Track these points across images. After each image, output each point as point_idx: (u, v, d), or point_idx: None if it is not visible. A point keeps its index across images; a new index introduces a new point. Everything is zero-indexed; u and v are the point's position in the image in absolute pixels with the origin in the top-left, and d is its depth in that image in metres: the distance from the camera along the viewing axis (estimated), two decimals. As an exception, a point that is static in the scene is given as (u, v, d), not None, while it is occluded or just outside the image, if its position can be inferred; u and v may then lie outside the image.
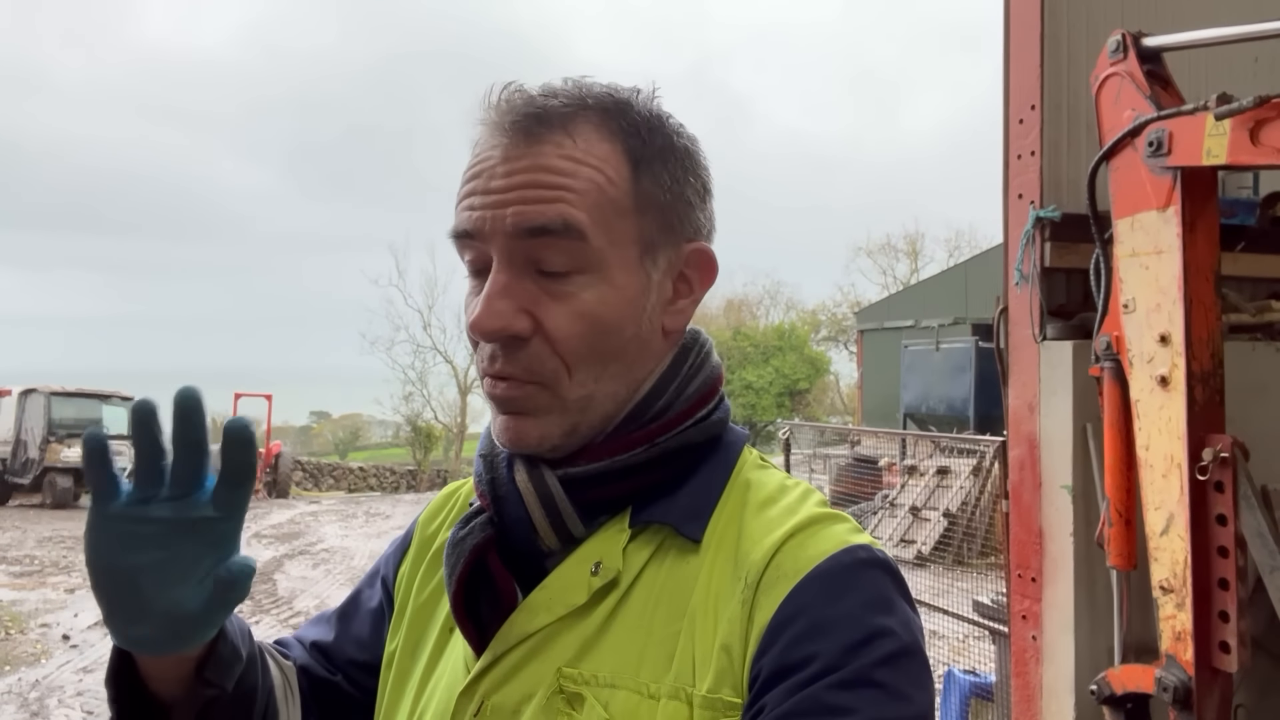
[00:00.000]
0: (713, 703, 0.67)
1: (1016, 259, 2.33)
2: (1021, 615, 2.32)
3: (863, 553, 0.70)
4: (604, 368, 0.75)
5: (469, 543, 0.77)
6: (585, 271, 0.73)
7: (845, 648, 0.64)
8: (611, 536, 0.75)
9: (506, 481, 0.76)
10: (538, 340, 0.73)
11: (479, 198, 0.74)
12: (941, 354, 15.15)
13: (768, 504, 0.76)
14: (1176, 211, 1.86)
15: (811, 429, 15.72)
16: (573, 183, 0.73)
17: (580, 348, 0.74)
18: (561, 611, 0.74)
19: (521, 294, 0.73)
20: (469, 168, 0.76)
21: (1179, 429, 1.86)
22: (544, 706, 0.71)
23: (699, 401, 0.80)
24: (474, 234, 0.74)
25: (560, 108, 0.74)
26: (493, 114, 0.75)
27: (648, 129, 0.76)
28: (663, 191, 0.77)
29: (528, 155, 0.73)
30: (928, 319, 21.79)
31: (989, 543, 8.65)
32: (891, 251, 40.92)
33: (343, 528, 14.74)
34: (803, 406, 34.26)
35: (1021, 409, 2.33)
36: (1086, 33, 2.32)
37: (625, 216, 0.75)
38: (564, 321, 0.73)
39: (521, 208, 0.72)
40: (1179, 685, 1.84)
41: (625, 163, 0.75)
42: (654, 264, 0.77)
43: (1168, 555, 1.88)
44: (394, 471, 30.37)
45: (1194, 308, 1.86)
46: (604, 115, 0.75)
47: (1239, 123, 1.71)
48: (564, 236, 0.72)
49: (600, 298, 0.74)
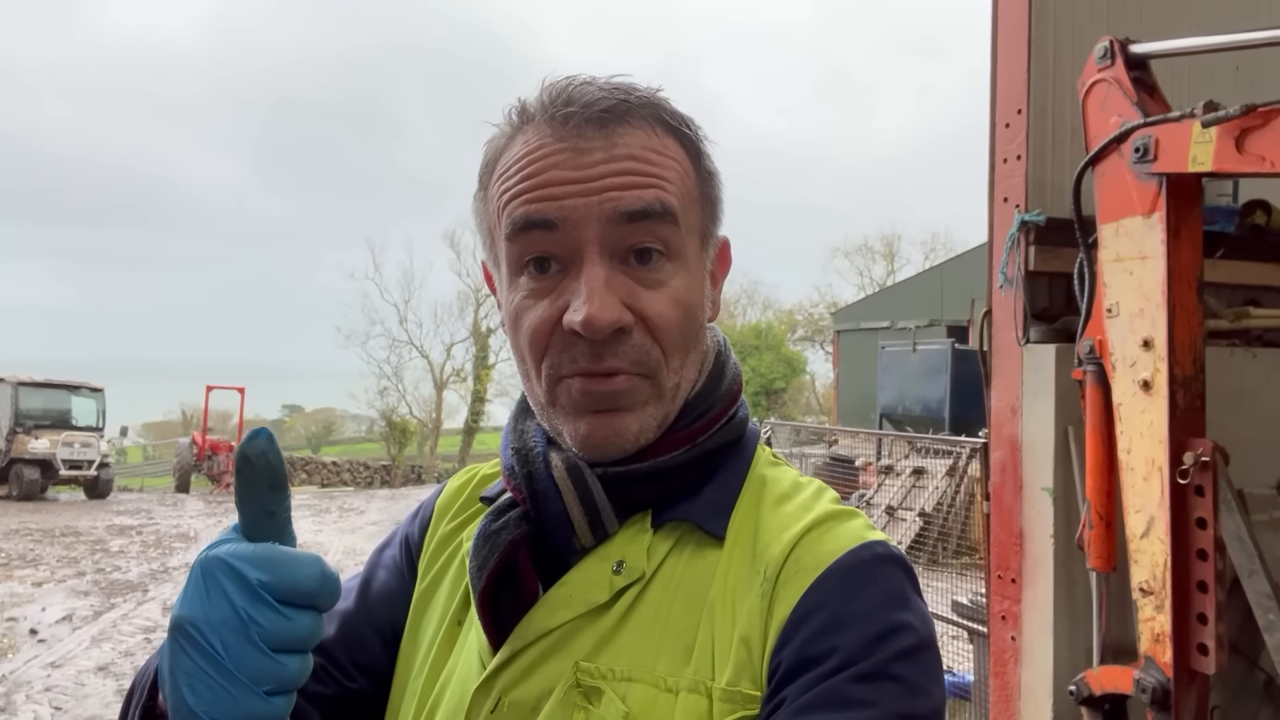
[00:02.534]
0: (732, 695, 0.67)
1: (1001, 262, 2.34)
2: (1001, 616, 2.34)
3: (880, 548, 0.71)
4: (687, 354, 0.76)
5: (504, 537, 0.76)
6: (672, 259, 0.74)
7: (865, 642, 0.65)
8: (634, 535, 0.75)
9: (544, 477, 0.75)
10: (639, 330, 0.73)
11: (557, 187, 0.71)
12: (918, 355, 15.26)
13: (784, 500, 0.77)
14: (1161, 217, 1.87)
15: (789, 428, 15.78)
16: (662, 171, 0.74)
17: (676, 335, 0.74)
18: (582, 609, 0.73)
19: (620, 286, 0.72)
20: (522, 156, 0.73)
21: (1160, 433, 1.88)
22: (562, 701, 0.71)
23: (731, 400, 0.81)
24: (557, 223, 0.71)
25: (634, 101, 0.75)
26: (551, 106, 0.74)
27: (692, 126, 0.79)
28: (711, 184, 0.80)
29: (613, 145, 0.72)
30: (904, 320, 21.95)
31: (964, 543, 8.72)
32: (868, 253, 41.23)
33: (316, 523, 14.61)
34: (779, 406, 34.42)
35: (1004, 411, 2.35)
36: (1073, 38, 2.34)
37: (695, 207, 0.78)
38: (664, 309, 0.73)
39: (619, 193, 0.71)
40: (1157, 687, 1.85)
41: (688, 156, 0.78)
42: (707, 254, 0.80)
43: (1148, 558, 1.90)
44: (368, 466, 30.17)
45: (1177, 313, 1.88)
46: (666, 113, 0.77)
47: (1225, 130, 1.73)
48: (663, 221, 0.73)
49: (686, 284, 0.75)
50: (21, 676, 6.42)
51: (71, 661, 6.79)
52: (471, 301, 33.84)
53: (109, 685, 6.31)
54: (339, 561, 11.02)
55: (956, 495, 9.41)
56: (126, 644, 7.28)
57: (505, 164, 0.75)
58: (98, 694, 6.13)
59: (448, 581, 0.86)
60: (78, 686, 6.26)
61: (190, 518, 14.91)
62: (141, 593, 9.05)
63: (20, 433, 17.53)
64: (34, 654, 6.95)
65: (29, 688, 6.19)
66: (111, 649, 7.13)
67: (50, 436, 17.64)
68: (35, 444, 17.37)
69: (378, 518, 15.46)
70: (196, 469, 21.37)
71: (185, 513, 15.64)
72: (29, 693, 6.10)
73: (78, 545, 11.77)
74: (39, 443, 17.41)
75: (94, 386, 19.72)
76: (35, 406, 18.38)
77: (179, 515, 15.24)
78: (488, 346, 33.45)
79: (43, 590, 9.05)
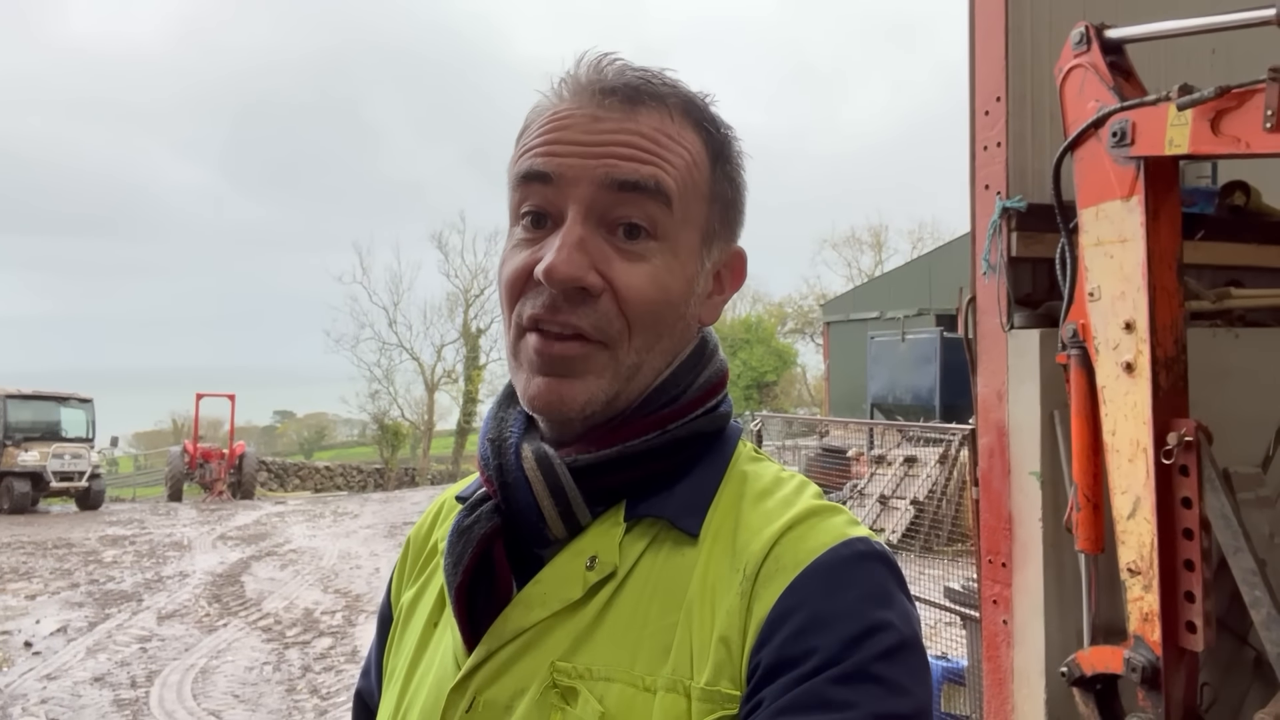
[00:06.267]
0: (711, 695, 0.67)
1: (984, 249, 2.35)
2: (992, 600, 2.36)
3: (861, 545, 0.70)
4: (657, 339, 0.76)
5: (477, 530, 0.76)
6: (659, 239, 0.75)
7: (845, 642, 0.64)
8: (606, 530, 0.75)
9: (514, 468, 0.75)
10: (607, 298, 0.73)
11: (564, 146, 0.74)
12: (907, 345, 15.31)
13: (764, 496, 0.75)
14: (1140, 201, 1.89)
15: (781, 420, 15.81)
16: (668, 155, 0.75)
17: (646, 313, 0.74)
18: (556, 606, 0.73)
19: (594, 250, 0.73)
20: (548, 118, 0.76)
21: (1144, 414, 1.89)
22: (537, 701, 0.70)
23: (709, 392, 0.80)
24: (552, 177, 0.74)
25: (661, 86, 0.76)
26: (583, 76, 0.76)
27: (722, 129, 0.80)
28: (730, 189, 0.81)
29: (628, 119, 0.74)
30: (893, 310, 22.01)
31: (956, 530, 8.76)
32: (856, 244, 41.32)
33: (310, 528, 14.57)
34: (770, 399, 34.47)
35: (990, 397, 2.36)
36: (1050, 25, 2.35)
37: (701, 202, 0.78)
38: (637, 281, 0.74)
39: (617, 162, 0.73)
40: (1147, 665, 1.87)
41: (706, 153, 0.78)
42: (709, 254, 0.80)
43: (1135, 538, 1.91)
44: (361, 470, 30.08)
45: (1158, 295, 1.90)
46: (694, 107, 0.78)
47: (1200, 113, 1.74)
48: (653, 197, 0.74)
49: (668, 268, 0.75)
50: (17, 689, 6.39)
51: (67, 673, 6.76)
52: (461, 302, 33.80)
53: (105, 696, 6.29)
54: (335, 566, 11.00)
55: (948, 482, 9.45)
56: (122, 654, 7.26)
57: (531, 126, 0.77)
58: (94, 705, 6.11)
59: (431, 587, 0.86)
60: (74, 698, 6.23)
61: (184, 526, 14.84)
62: (136, 603, 9.02)
63: (9, 445, 17.41)
64: (29, 667, 6.92)
65: (25, 700, 6.16)
66: (107, 660, 7.11)
67: (40, 448, 17.53)
68: (25, 456, 17.25)
69: (372, 521, 15.42)
70: (189, 477, 21.24)
71: (178, 522, 15.57)
72: (25, 705, 6.07)
73: (71, 557, 11.71)
74: (29, 455, 17.29)
75: (83, 397, 19.60)
76: (24, 419, 18.26)
77: (172, 524, 15.17)
78: (478, 347, 33.40)
79: (36, 603, 9.00)
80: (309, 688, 6.54)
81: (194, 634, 7.90)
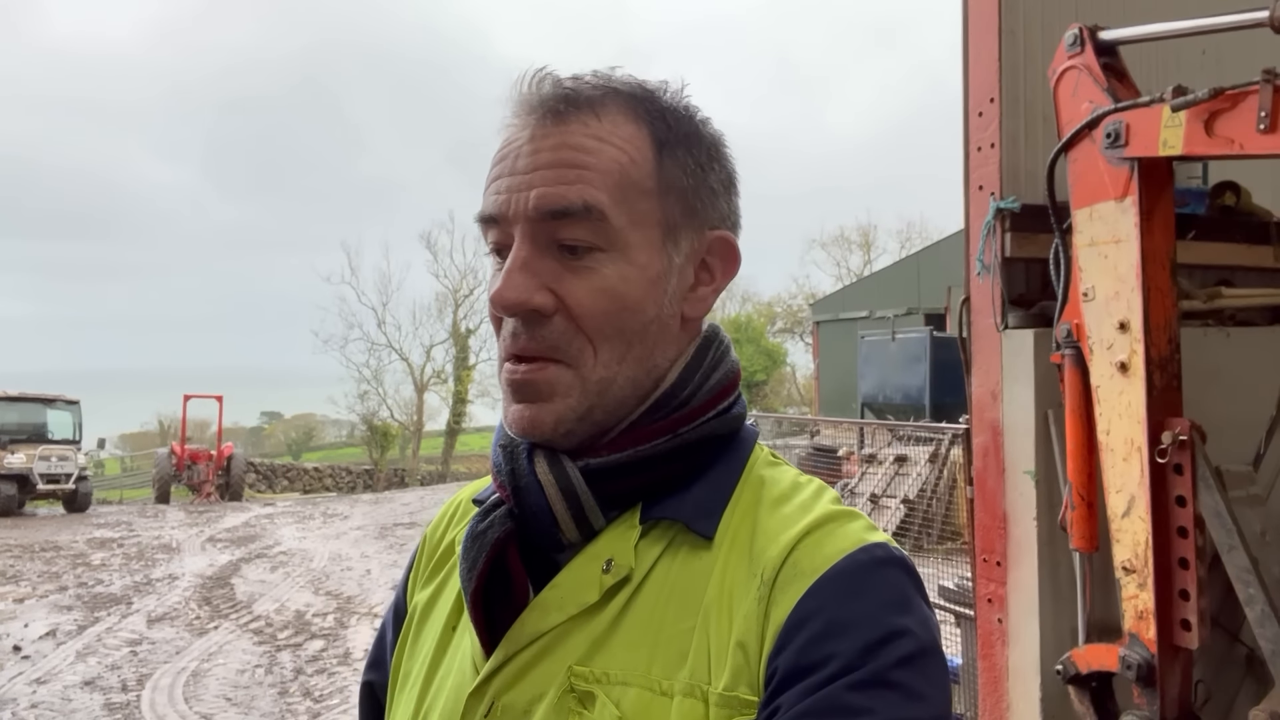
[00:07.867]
0: (729, 700, 0.66)
1: (978, 249, 2.36)
2: (987, 599, 2.37)
3: (880, 551, 0.70)
4: (628, 349, 0.75)
5: (490, 535, 0.76)
6: (605, 249, 0.74)
7: (863, 648, 0.64)
8: (622, 534, 0.75)
9: (527, 473, 0.75)
10: (560, 317, 0.74)
11: (505, 180, 0.75)
12: (897, 344, 15.35)
13: (782, 501, 0.75)
14: (1134, 201, 1.90)
15: (771, 420, 15.83)
16: (595, 161, 0.74)
17: (604, 325, 0.74)
18: (573, 610, 0.73)
19: (543, 270, 0.74)
20: (498, 152, 0.77)
21: (1138, 413, 1.91)
22: (555, 706, 0.70)
23: (720, 394, 0.80)
24: (498, 218, 0.75)
25: (589, 90, 0.76)
26: (522, 98, 0.77)
27: (673, 116, 0.78)
28: (685, 175, 0.78)
29: (554, 135, 0.74)
30: (882, 309, 22.07)
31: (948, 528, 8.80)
32: (845, 243, 41.43)
33: (300, 529, 14.51)
34: (760, 398, 34.53)
35: (984, 397, 2.37)
36: (1043, 26, 2.37)
37: (648, 198, 0.76)
38: (585, 296, 0.73)
39: (544, 189, 0.73)
40: (1142, 663, 1.89)
41: (649, 145, 0.76)
42: (676, 247, 0.78)
43: (1129, 537, 1.93)
44: (350, 471, 30.01)
45: (1152, 295, 1.91)
46: (631, 99, 0.77)
47: (1194, 114, 1.76)
48: (583, 219, 0.73)
49: (621, 275, 0.74)
50: (7, 694, 6.34)
51: (57, 677, 6.72)
52: (450, 302, 33.73)
53: (96, 699, 6.25)
54: (326, 568, 10.96)
55: (939, 481, 9.48)
56: (112, 658, 7.21)
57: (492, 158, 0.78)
58: (85, 709, 6.07)
59: (448, 590, 0.86)
60: (64, 702, 6.19)
61: (171, 528, 14.76)
62: (125, 605, 8.96)
63: (-5, 448, 17.29)
64: (18, 671, 6.87)
65: (14, 705, 6.12)
66: (97, 663, 7.06)
67: (26, 451, 17.40)
68: (11, 459, 17.11)
69: (362, 522, 15.37)
70: (176, 479, 21.12)
71: (166, 524, 15.49)
72: (15, 710, 6.03)
73: (58, 560, 11.63)
74: (15, 457, 17.15)
75: (69, 399, 19.46)
76: (9, 421, 18.13)
77: (160, 526, 15.08)
78: (468, 347, 33.34)
79: (25, 606, 8.93)
80: (302, 690, 6.52)
81: (184, 637, 7.86)
